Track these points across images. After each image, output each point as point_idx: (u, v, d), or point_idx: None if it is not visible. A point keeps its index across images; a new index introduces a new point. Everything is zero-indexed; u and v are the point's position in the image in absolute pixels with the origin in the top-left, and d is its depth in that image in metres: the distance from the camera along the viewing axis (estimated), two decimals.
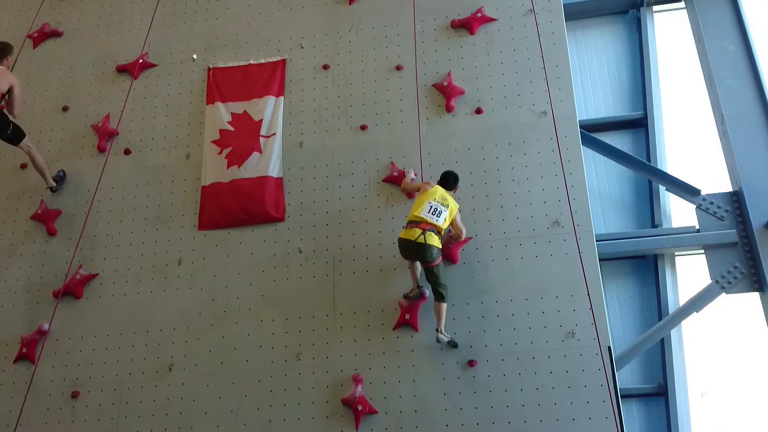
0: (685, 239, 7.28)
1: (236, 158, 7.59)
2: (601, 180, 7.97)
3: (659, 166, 7.77)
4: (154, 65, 8.34)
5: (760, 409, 6.81)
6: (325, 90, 7.79)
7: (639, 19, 8.69)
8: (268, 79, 7.93)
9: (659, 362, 7.07)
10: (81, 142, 8.11)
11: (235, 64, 8.12)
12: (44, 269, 7.54)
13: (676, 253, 7.48)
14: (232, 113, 7.85)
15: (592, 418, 5.97)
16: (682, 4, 8.62)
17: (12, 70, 7.25)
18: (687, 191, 7.42)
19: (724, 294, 6.96)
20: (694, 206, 7.35)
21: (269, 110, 7.77)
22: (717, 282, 6.97)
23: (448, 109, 7.36)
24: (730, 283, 6.95)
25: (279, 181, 7.47)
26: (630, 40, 8.75)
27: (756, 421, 6.78)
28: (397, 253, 6.64)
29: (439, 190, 6.43)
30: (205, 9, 8.51)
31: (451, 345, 6.37)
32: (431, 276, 6.31)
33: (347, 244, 7.06)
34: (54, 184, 7.71)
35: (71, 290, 7.32)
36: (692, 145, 8.01)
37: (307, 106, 7.76)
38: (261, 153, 7.59)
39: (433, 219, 6.22)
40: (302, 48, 8.04)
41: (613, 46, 8.76)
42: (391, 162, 7.24)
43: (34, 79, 8.57)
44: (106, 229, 7.61)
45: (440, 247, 6.27)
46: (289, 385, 6.63)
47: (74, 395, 6.94)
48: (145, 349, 7.03)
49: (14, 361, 7.14)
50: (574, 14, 8.55)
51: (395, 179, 7.14)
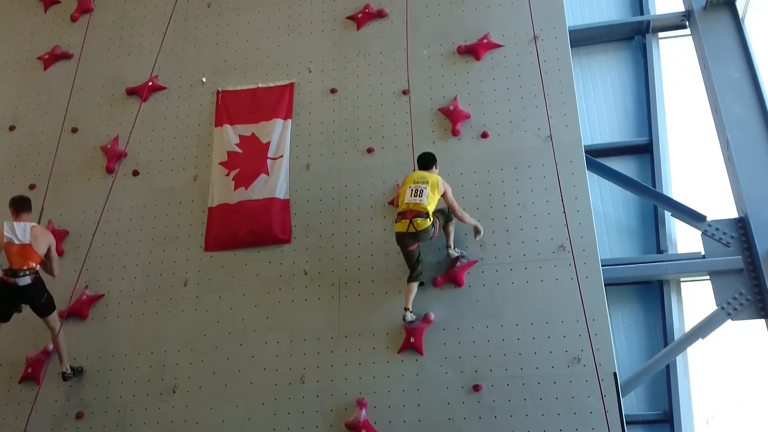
0: (691, 265, 7.27)
1: (244, 180, 7.64)
2: (607, 205, 7.99)
3: (665, 192, 7.79)
4: (164, 88, 8.42)
5: None
6: (332, 113, 7.85)
7: (644, 46, 8.75)
8: (276, 102, 8.00)
9: (665, 389, 7.03)
10: (90, 164, 8.18)
11: (244, 88, 8.19)
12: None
13: (682, 279, 7.47)
14: (240, 135, 7.91)
15: None
16: (688, 31, 8.67)
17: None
18: (692, 217, 7.42)
19: (729, 320, 6.93)
20: (700, 232, 7.33)
21: (277, 133, 7.83)
22: (723, 308, 6.94)
23: (454, 133, 7.39)
24: (735, 309, 6.92)
25: (285, 203, 7.51)
26: (635, 66, 8.80)
27: None
28: (404, 276, 6.66)
29: (417, 173, 6.57)
30: (215, 33, 8.61)
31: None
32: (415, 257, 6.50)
33: (353, 266, 7.07)
34: (69, 371, 6.88)
35: (77, 311, 7.34)
36: (697, 171, 8.03)
37: (315, 129, 7.82)
38: (268, 175, 7.63)
39: (416, 200, 6.29)
40: (310, 72, 8.12)
41: (618, 72, 8.81)
42: (397, 185, 7.27)
43: (44, 101, 8.68)
44: (112, 249, 7.65)
45: (431, 226, 6.32)
46: (293, 409, 6.61)
47: (78, 416, 6.94)
48: (150, 371, 7.03)
49: (20, 381, 7.16)
50: (579, 41, 8.62)
51: None
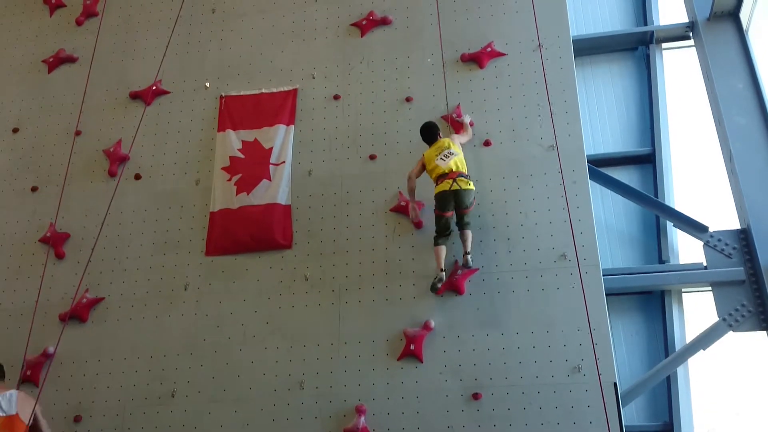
0: (693, 276, 7.25)
1: (245, 185, 7.64)
2: (609, 215, 7.98)
3: (667, 202, 7.78)
4: (167, 92, 8.44)
5: None
6: (335, 119, 7.86)
7: (648, 56, 8.75)
8: (279, 107, 8.01)
9: (665, 400, 7.00)
10: (92, 167, 8.19)
11: (247, 93, 8.20)
12: (51, 292, 7.56)
13: (684, 290, 7.45)
14: (242, 141, 7.92)
15: None
16: (691, 42, 8.69)
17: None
18: (694, 228, 7.41)
19: (731, 332, 6.90)
20: (702, 243, 7.32)
21: (280, 138, 7.84)
22: (724, 320, 6.92)
23: None
24: (737, 321, 6.89)
25: (287, 209, 7.50)
26: (639, 76, 8.81)
27: None
28: (405, 283, 6.68)
29: (434, 146, 6.81)
30: (219, 38, 8.64)
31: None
32: (464, 217, 6.60)
33: (354, 272, 7.06)
34: None
35: (77, 314, 7.33)
36: (700, 182, 8.03)
37: (317, 135, 7.83)
38: (270, 180, 7.64)
39: (451, 161, 6.60)
40: (314, 78, 8.13)
41: (621, 82, 8.82)
42: (399, 192, 7.27)
43: (48, 104, 8.69)
44: (113, 253, 7.65)
45: (474, 189, 6.62)
46: (292, 415, 6.60)
47: (77, 419, 6.93)
48: (149, 375, 7.02)
49: (18, 385, 7.13)
50: (583, 50, 8.63)
51: (403, 209, 7.16)
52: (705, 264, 7.24)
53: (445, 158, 6.63)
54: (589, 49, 8.83)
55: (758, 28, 8.06)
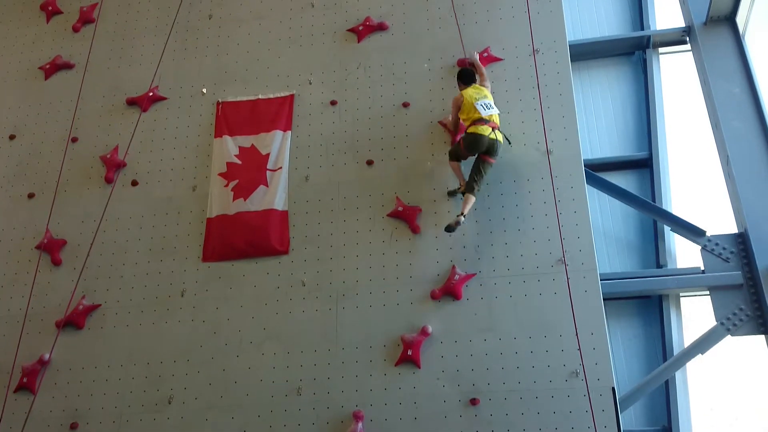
0: (690, 280, 7.23)
1: (242, 191, 7.63)
2: (606, 219, 7.97)
3: (664, 207, 7.76)
4: (164, 98, 8.43)
5: None
6: (332, 125, 7.86)
7: (645, 61, 8.75)
8: (276, 113, 8.01)
9: (663, 404, 6.97)
10: (89, 173, 8.18)
11: (244, 99, 8.21)
12: (47, 299, 7.55)
13: (681, 294, 7.43)
14: (239, 146, 7.92)
15: None
16: (688, 47, 8.69)
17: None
18: (692, 232, 7.40)
19: (729, 336, 6.88)
20: (699, 247, 7.31)
21: (276, 144, 7.84)
22: (722, 324, 6.89)
23: None
24: (735, 325, 6.87)
25: (284, 215, 7.49)
26: (636, 81, 8.81)
27: None
28: (402, 288, 6.68)
29: (474, 89, 6.97)
30: (215, 44, 8.64)
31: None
32: (484, 170, 6.79)
33: (351, 278, 7.05)
34: None
35: (73, 320, 7.32)
36: (697, 186, 8.02)
37: (314, 141, 7.82)
38: (267, 186, 7.63)
39: (492, 113, 6.80)
40: (310, 84, 8.13)
41: (618, 86, 8.81)
42: (396, 197, 7.26)
43: (45, 110, 8.69)
44: (110, 259, 7.63)
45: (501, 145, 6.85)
46: (289, 421, 6.58)
47: (73, 426, 6.91)
48: (145, 381, 7.00)
49: (14, 391, 7.13)
50: (580, 55, 8.64)
51: (400, 214, 7.16)
52: (703, 268, 7.23)
53: (486, 107, 6.80)
54: (586, 54, 8.84)
55: (754, 33, 8.07)
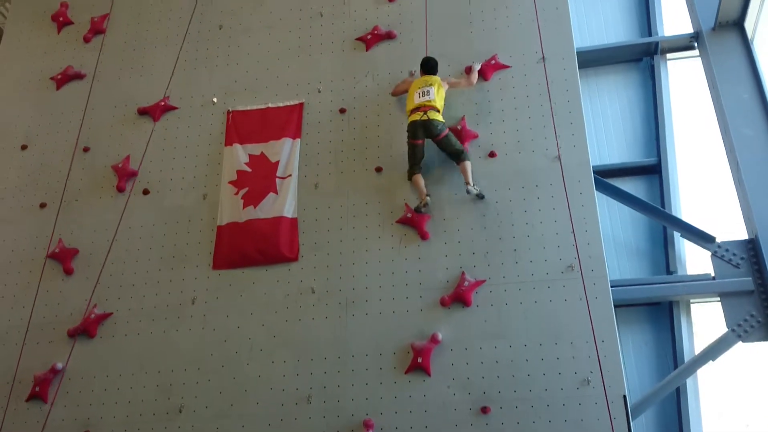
0: (701, 287, 7.20)
1: (252, 199, 7.67)
2: (615, 226, 7.96)
3: (674, 213, 7.75)
4: (175, 108, 8.49)
5: None
6: (341, 133, 7.89)
7: (653, 67, 8.75)
8: (285, 121, 8.05)
9: (675, 411, 6.94)
10: (101, 182, 8.23)
11: (254, 108, 8.25)
12: (60, 308, 7.59)
13: (692, 301, 7.41)
14: (249, 154, 7.96)
15: None
16: (696, 53, 8.68)
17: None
18: (702, 238, 7.37)
19: (740, 342, 6.85)
20: (710, 253, 7.28)
21: (286, 152, 7.87)
22: (733, 330, 6.86)
23: None
24: (746, 331, 6.83)
25: (293, 222, 7.52)
26: (644, 87, 8.81)
27: None
28: (411, 295, 6.68)
29: (421, 79, 7.36)
30: (226, 54, 8.70)
31: (479, 197, 7.07)
32: (446, 146, 7.12)
33: (360, 285, 7.06)
34: None
35: (85, 329, 7.35)
36: (707, 192, 8.00)
37: (323, 149, 7.85)
38: (277, 194, 7.66)
39: (425, 99, 7.12)
40: (319, 92, 8.17)
41: (627, 93, 8.82)
42: (405, 204, 7.28)
43: (57, 120, 8.76)
44: (121, 268, 7.67)
45: (443, 120, 7.12)
46: (300, 429, 6.57)
47: None
48: (156, 390, 7.02)
49: (26, 400, 7.16)
50: (588, 62, 8.65)
51: (409, 221, 7.17)
52: (713, 274, 7.19)
53: (421, 95, 7.15)
54: (594, 60, 8.85)
55: (763, 38, 8.05)
